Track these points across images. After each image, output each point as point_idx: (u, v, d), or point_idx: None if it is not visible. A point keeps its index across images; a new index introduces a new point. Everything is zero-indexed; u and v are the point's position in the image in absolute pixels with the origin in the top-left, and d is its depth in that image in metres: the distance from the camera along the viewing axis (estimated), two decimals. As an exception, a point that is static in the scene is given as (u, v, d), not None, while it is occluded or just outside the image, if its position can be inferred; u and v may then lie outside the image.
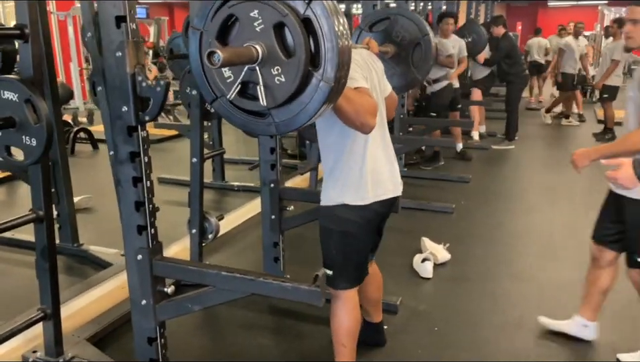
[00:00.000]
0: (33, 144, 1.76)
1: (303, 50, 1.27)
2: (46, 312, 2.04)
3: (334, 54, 1.28)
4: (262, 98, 1.33)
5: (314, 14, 1.28)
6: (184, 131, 4.83)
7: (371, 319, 2.33)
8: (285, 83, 1.31)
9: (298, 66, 1.28)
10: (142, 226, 1.75)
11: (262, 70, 1.32)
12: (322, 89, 1.31)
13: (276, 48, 1.29)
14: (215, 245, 3.42)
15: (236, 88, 1.36)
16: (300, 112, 1.35)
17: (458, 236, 3.61)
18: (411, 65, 2.72)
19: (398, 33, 2.70)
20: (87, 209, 4.28)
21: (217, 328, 2.63)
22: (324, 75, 1.30)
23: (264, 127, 1.42)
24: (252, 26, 1.31)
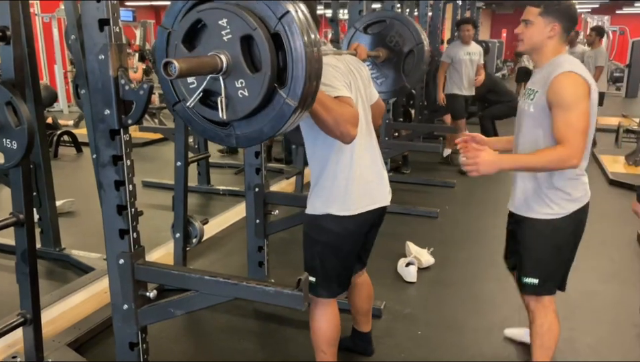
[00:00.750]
0: (13, 147, 1.75)
1: (269, 67, 1.22)
2: (26, 317, 2.01)
3: (302, 74, 1.23)
4: (221, 110, 1.28)
5: (285, 30, 1.23)
6: (169, 134, 4.80)
7: (360, 328, 2.32)
8: (248, 98, 1.27)
9: (263, 83, 1.24)
10: (124, 230, 1.73)
11: (225, 81, 1.28)
12: (286, 108, 1.27)
13: (241, 61, 1.25)
14: (200, 250, 3.41)
15: (197, 96, 1.32)
16: (262, 127, 1.32)
17: (442, 241, 3.63)
18: (402, 72, 2.71)
19: (392, 38, 2.69)
20: (70, 213, 4.23)
21: (200, 332, 2.62)
22: (289, 93, 1.25)
23: (223, 136, 1.39)
24: (219, 34, 1.26)
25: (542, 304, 1.95)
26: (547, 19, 1.80)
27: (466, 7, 8.50)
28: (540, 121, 1.81)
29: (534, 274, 1.92)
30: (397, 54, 2.69)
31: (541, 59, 1.85)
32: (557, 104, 1.74)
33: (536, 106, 1.82)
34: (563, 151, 1.70)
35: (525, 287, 1.96)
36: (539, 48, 1.84)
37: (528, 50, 1.88)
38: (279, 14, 1.23)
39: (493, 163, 1.73)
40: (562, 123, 1.72)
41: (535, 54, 1.87)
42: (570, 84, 1.73)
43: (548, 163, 1.74)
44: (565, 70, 1.74)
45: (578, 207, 1.87)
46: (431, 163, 5.87)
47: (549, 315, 1.96)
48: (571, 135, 1.70)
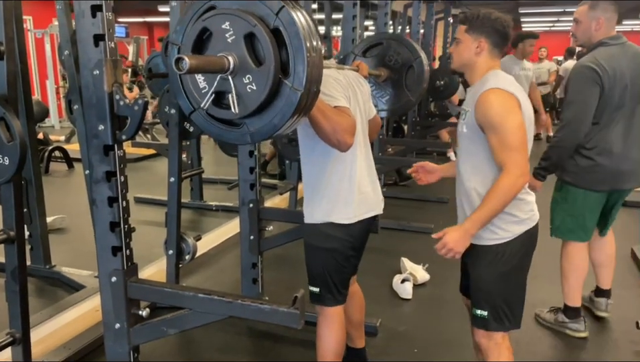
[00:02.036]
0: (5, 163, 1.72)
1: (273, 59, 1.31)
2: (15, 337, 1.96)
3: (303, 61, 1.31)
4: (234, 106, 1.36)
5: (283, 24, 1.32)
6: (162, 150, 4.79)
7: (354, 344, 2.29)
8: (256, 91, 1.34)
9: (268, 74, 1.32)
10: (117, 247, 1.71)
11: (234, 79, 1.36)
12: (293, 96, 1.34)
13: (247, 57, 1.33)
14: (193, 266, 3.37)
15: (210, 97, 1.40)
16: (273, 120, 1.38)
17: (437, 257, 3.58)
18: (404, 88, 2.77)
19: (391, 57, 2.77)
20: (60, 229, 4.18)
21: (193, 351, 2.57)
22: (294, 82, 1.33)
23: (238, 136, 1.45)
24: (223, 38, 1.35)
25: (494, 342, 1.81)
26: (473, 36, 1.76)
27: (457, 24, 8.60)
28: (475, 141, 1.73)
29: (482, 306, 1.79)
30: (398, 71, 2.76)
31: (474, 77, 1.79)
32: (487, 125, 1.67)
33: (468, 127, 1.75)
34: (507, 179, 1.63)
35: (476, 321, 1.83)
36: (469, 65, 1.79)
37: (459, 68, 1.84)
38: (276, 10, 1.33)
39: (462, 238, 1.67)
40: (496, 145, 1.66)
41: (466, 72, 1.82)
42: (494, 101, 1.66)
43: (503, 199, 1.64)
44: (488, 88, 1.68)
45: (525, 229, 1.76)
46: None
47: (502, 354, 1.81)
48: (509, 158, 1.63)
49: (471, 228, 1.68)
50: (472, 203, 1.78)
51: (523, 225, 1.76)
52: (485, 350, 1.85)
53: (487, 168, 1.73)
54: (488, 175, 1.73)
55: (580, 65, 2.41)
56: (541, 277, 3.10)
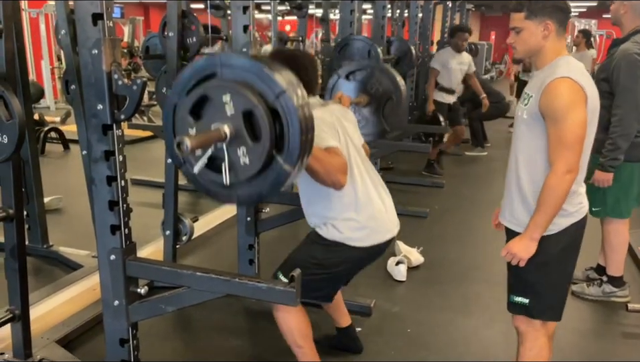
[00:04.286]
0: (4, 141, 1.73)
1: (269, 138, 1.34)
2: (15, 313, 2.00)
3: (298, 143, 1.35)
4: (225, 176, 1.40)
5: (282, 107, 1.34)
6: (159, 132, 4.77)
7: (338, 324, 2.34)
8: (249, 165, 1.38)
9: (262, 151, 1.36)
10: (116, 225, 1.73)
11: (228, 149, 1.39)
12: (283, 173, 1.38)
13: (243, 132, 1.36)
14: (190, 247, 3.40)
15: (202, 163, 1.42)
16: (261, 190, 1.42)
17: (431, 240, 3.66)
18: (381, 117, 2.83)
19: (373, 85, 2.81)
20: (57, 210, 4.19)
21: (190, 330, 2.61)
22: (286, 160, 1.37)
23: (225, 195, 1.49)
24: (222, 109, 1.37)
25: (533, 327, 1.82)
26: (537, 20, 1.69)
27: (456, 9, 8.56)
28: (533, 129, 1.70)
29: (522, 293, 1.80)
30: (378, 100, 2.82)
31: (542, 62, 1.73)
32: (549, 115, 1.63)
33: (529, 113, 1.71)
34: (554, 177, 1.62)
35: (515, 307, 1.83)
36: (536, 51, 1.73)
37: (525, 56, 1.78)
38: (277, 92, 1.34)
39: (528, 246, 1.69)
40: (553, 138, 1.63)
41: (534, 58, 1.75)
42: (563, 92, 1.61)
43: (554, 198, 1.63)
44: (560, 76, 1.62)
45: (572, 222, 1.73)
46: (420, 163, 5.89)
47: (539, 339, 1.82)
48: (559, 154, 1.61)
49: (534, 232, 1.68)
50: (522, 191, 1.76)
51: (570, 218, 1.73)
52: (523, 334, 1.85)
53: (540, 158, 1.70)
54: (539, 165, 1.70)
55: (629, 52, 2.48)
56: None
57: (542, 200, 1.66)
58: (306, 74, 1.95)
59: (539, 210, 1.67)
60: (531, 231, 1.69)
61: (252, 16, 2.46)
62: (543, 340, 1.83)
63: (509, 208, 1.84)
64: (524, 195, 1.76)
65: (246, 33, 2.47)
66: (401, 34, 6.44)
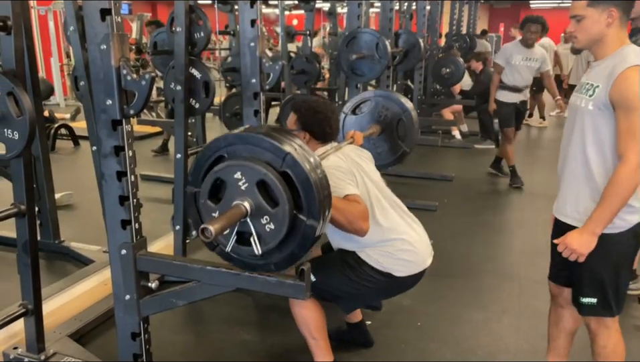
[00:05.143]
0: (15, 137, 1.74)
1: (286, 200, 1.38)
2: (28, 308, 2.02)
3: (314, 197, 1.39)
4: (256, 247, 1.44)
5: (290, 168, 1.40)
6: (168, 127, 4.79)
7: (349, 319, 2.35)
8: (275, 230, 1.42)
9: (283, 214, 1.39)
10: (127, 220, 1.73)
11: (252, 221, 1.43)
12: (309, 229, 1.41)
13: (261, 201, 1.40)
14: (199, 242, 3.38)
15: (232, 240, 1.47)
16: (292, 251, 1.46)
17: (441, 233, 3.64)
18: (397, 140, 2.85)
19: (381, 113, 2.83)
20: (68, 206, 4.23)
21: (201, 323, 2.63)
22: (309, 216, 1.41)
23: (262, 265, 1.54)
24: (237, 186, 1.42)
25: (605, 324, 1.78)
26: (600, 7, 1.63)
27: (464, 1, 8.49)
28: (603, 120, 1.64)
29: (592, 294, 1.74)
30: (389, 126, 2.85)
31: (604, 51, 1.67)
32: (621, 105, 1.57)
33: (596, 104, 1.64)
34: (625, 169, 1.55)
35: (583, 308, 1.78)
36: (599, 40, 1.67)
37: (585, 46, 1.71)
38: (282, 156, 1.40)
39: (588, 240, 1.63)
40: (623, 128, 1.57)
41: (595, 47, 1.69)
42: (636, 80, 1.55)
43: (623, 192, 1.57)
44: (633, 64, 1.56)
45: (639, 219, 1.67)
46: (429, 156, 5.88)
47: (612, 335, 1.78)
48: (630, 146, 1.55)
49: (596, 227, 1.63)
50: (593, 186, 1.69)
51: (637, 214, 1.68)
52: (595, 332, 1.81)
53: (609, 149, 1.65)
54: (609, 156, 1.66)
55: None
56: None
57: (609, 193, 1.59)
58: (329, 125, 2.04)
59: (605, 203, 1.60)
60: (594, 225, 1.62)
61: (259, 10, 2.45)
62: (617, 336, 1.79)
63: (572, 204, 1.76)
64: (596, 190, 1.67)
65: (254, 28, 2.46)
66: (409, 27, 6.40)
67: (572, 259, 1.68)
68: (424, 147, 6.01)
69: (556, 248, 1.77)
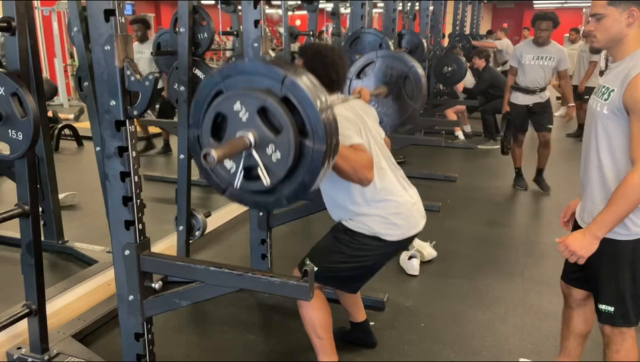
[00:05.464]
0: (19, 138, 1.75)
1: (289, 124, 1.35)
2: (31, 308, 2.02)
3: (318, 120, 1.35)
4: (264, 178, 1.41)
5: (290, 91, 1.36)
6: (171, 128, 4.80)
7: (355, 319, 2.34)
8: (282, 159, 1.39)
9: (288, 140, 1.36)
10: (130, 221, 1.74)
11: (258, 153, 1.40)
12: (317, 154, 1.38)
13: (265, 130, 1.37)
14: (202, 242, 3.42)
15: (240, 176, 1.44)
16: (303, 180, 1.42)
17: (444, 234, 3.64)
18: (406, 99, 2.80)
19: (386, 73, 2.79)
20: (72, 206, 4.23)
21: (204, 324, 2.63)
22: (315, 141, 1.37)
23: (275, 201, 1.51)
24: (238, 118, 1.39)
25: (619, 330, 1.75)
26: (621, 7, 1.60)
27: (467, 1, 8.48)
28: (616, 125, 1.61)
29: (609, 301, 1.72)
30: (396, 85, 2.80)
31: (622, 52, 1.65)
32: (634, 110, 1.54)
33: (611, 108, 1.61)
34: (636, 175, 1.52)
35: (602, 316, 1.75)
36: (618, 40, 1.64)
37: (605, 46, 1.68)
38: (280, 79, 1.36)
39: (588, 242, 1.60)
40: (637, 134, 1.54)
41: (614, 48, 1.67)
42: None
43: (632, 197, 1.53)
44: None
45: None
46: (433, 156, 5.87)
47: (626, 341, 1.75)
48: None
49: (598, 231, 1.60)
50: (607, 194, 1.65)
51: None
52: (609, 336, 1.78)
53: (622, 155, 1.63)
54: (622, 162, 1.63)
55: None
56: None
57: (617, 198, 1.56)
58: (336, 71, 1.96)
59: (612, 208, 1.57)
60: (597, 229, 1.60)
61: (262, 11, 2.46)
62: (631, 342, 1.76)
63: (589, 209, 1.74)
64: (609, 196, 1.64)
65: (257, 28, 2.47)
66: (412, 27, 6.40)
67: (572, 261, 1.66)
68: (427, 148, 6.00)
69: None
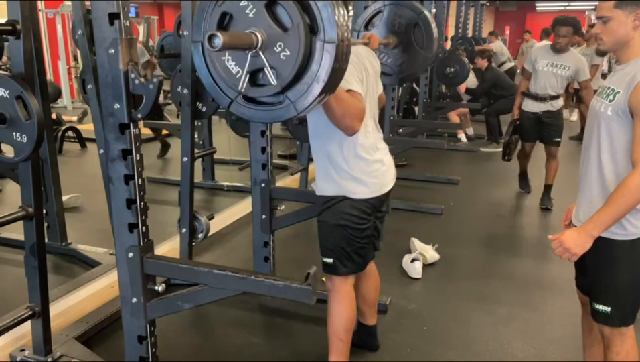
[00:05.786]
0: (23, 141, 1.75)
1: (299, 18, 1.28)
2: (35, 310, 2.03)
3: (329, 13, 1.28)
4: (272, 79, 1.33)
5: None
6: (174, 130, 4.81)
7: (365, 321, 2.34)
8: (291, 56, 1.31)
9: (298, 34, 1.29)
10: (134, 224, 1.74)
11: (265, 53, 1.33)
12: (328, 51, 1.30)
13: (273, 26, 1.30)
14: (205, 245, 3.42)
15: (245, 78, 1.37)
16: (312, 83, 1.34)
17: (447, 237, 3.63)
18: (416, 47, 2.71)
19: (394, 22, 2.70)
20: (75, 208, 4.24)
21: (207, 327, 2.63)
22: (326, 36, 1.30)
23: (283, 111, 1.42)
24: (244, 15, 1.32)
25: (619, 331, 1.74)
26: (627, 9, 1.61)
27: (470, 4, 8.48)
28: (621, 126, 1.62)
29: (606, 301, 1.71)
30: (405, 33, 2.69)
31: (628, 55, 1.66)
32: (638, 113, 1.55)
33: (615, 110, 1.62)
34: (635, 177, 1.52)
35: (598, 316, 1.75)
36: (624, 43, 1.65)
37: (612, 48, 1.70)
38: None
39: (582, 240, 1.60)
40: (639, 136, 1.54)
41: (620, 50, 1.68)
42: None
43: (631, 198, 1.53)
44: None
45: None
46: (435, 159, 5.87)
47: (626, 342, 1.74)
48: None
49: (593, 229, 1.60)
50: (607, 194, 1.65)
51: None
52: (608, 338, 1.77)
53: (622, 156, 1.63)
54: (622, 164, 1.64)
55: None
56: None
57: (615, 198, 1.56)
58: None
59: (609, 207, 1.57)
60: (592, 227, 1.60)
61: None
62: (631, 343, 1.75)
63: (586, 209, 1.74)
64: (606, 195, 1.65)
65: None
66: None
67: (565, 259, 1.66)
68: (430, 151, 5.99)
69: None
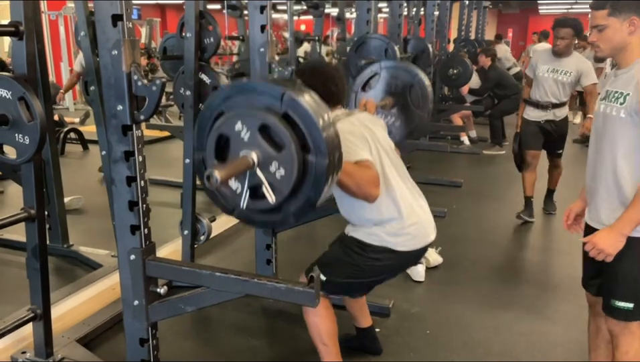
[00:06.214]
0: (26, 142, 1.75)
1: (291, 140, 1.35)
2: (36, 312, 2.02)
3: (319, 134, 1.35)
4: (269, 196, 1.40)
5: (289, 107, 1.36)
6: (176, 132, 4.81)
7: (359, 324, 2.33)
8: (286, 175, 1.38)
9: (291, 156, 1.35)
10: (136, 226, 1.73)
11: (262, 171, 1.39)
12: (320, 168, 1.37)
13: (267, 148, 1.37)
14: (207, 247, 3.41)
15: (245, 196, 1.44)
16: (309, 196, 1.41)
17: (450, 240, 3.61)
18: (412, 108, 2.79)
19: (391, 84, 2.78)
20: (77, 210, 4.24)
21: (209, 329, 2.62)
22: (317, 156, 1.36)
23: (282, 219, 1.49)
24: (240, 138, 1.39)
25: (629, 330, 1.76)
26: (621, 17, 1.66)
27: (473, 7, 8.48)
28: (633, 127, 1.65)
29: (628, 298, 1.73)
30: (402, 95, 2.79)
31: (627, 59, 1.71)
32: None
33: (629, 111, 1.65)
34: None
35: (617, 313, 1.76)
36: (621, 48, 1.71)
37: (610, 54, 1.75)
38: (279, 96, 1.36)
39: (615, 240, 1.64)
40: None
41: (618, 55, 1.73)
42: None
43: None
44: None
45: None
46: (438, 162, 5.85)
47: (636, 342, 1.77)
48: None
49: (624, 228, 1.64)
50: (624, 194, 1.69)
51: None
52: (618, 337, 1.79)
53: (638, 157, 1.66)
54: (637, 164, 1.67)
55: None
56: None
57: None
58: (335, 84, 1.97)
59: (637, 205, 1.62)
60: (622, 226, 1.64)
61: (269, 16, 2.46)
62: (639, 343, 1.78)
63: (607, 211, 1.76)
64: (626, 197, 1.69)
65: (264, 33, 2.47)
66: (417, 32, 6.40)
67: (600, 259, 1.68)
68: (433, 153, 5.97)
69: (587, 255, 1.76)
